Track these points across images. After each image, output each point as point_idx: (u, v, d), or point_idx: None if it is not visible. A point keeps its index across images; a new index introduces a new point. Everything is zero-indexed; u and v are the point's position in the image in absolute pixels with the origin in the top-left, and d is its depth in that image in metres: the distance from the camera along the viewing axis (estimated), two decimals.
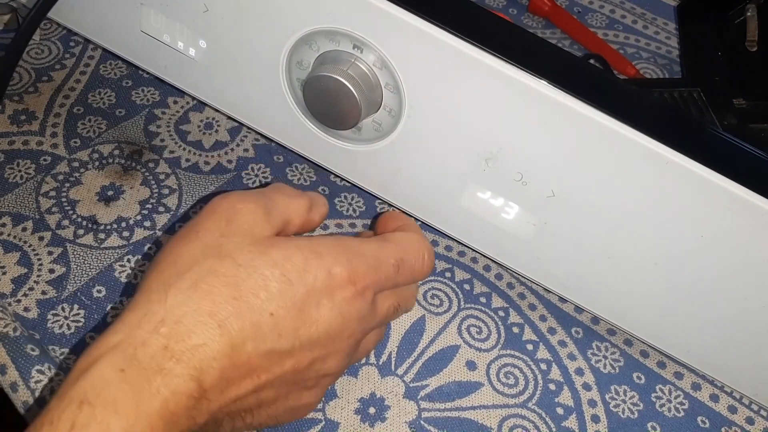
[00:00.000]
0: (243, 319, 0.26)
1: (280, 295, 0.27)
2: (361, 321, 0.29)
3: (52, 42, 0.47)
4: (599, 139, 0.30)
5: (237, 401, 0.27)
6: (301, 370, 0.28)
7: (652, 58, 0.53)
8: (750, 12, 0.49)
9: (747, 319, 0.33)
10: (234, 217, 0.29)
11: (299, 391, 0.30)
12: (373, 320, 0.31)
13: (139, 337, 0.25)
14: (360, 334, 0.30)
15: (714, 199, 0.29)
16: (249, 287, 0.26)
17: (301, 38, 0.33)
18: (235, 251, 0.27)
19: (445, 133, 0.33)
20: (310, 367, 0.28)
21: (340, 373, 0.31)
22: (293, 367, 0.28)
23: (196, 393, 0.25)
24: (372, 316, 0.30)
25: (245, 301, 0.26)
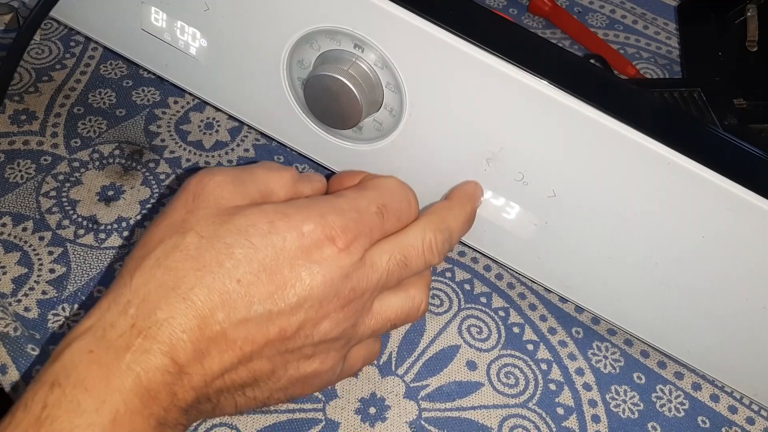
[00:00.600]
0: (208, 290, 0.25)
1: (246, 260, 0.26)
2: (351, 278, 0.28)
3: (53, 42, 0.47)
4: (600, 140, 0.30)
5: (224, 375, 0.26)
6: (289, 336, 0.27)
7: (653, 58, 0.53)
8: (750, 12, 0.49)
9: (747, 320, 0.33)
10: (201, 191, 0.28)
11: (298, 361, 0.28)
12: (372, 276, 0.29)
13: (107, 320, 0.25)
14: (354, 293, 0.28)
15: (715, 200, 0.29)
16: (212, 257, 0.26)
17: (302, 37, 0.33)
18: (198, 224, 0.27)
19: (446, 133, 0.33)
20: (301, 333, 0.27)
21: (350, 340, 0.30)
22: (279, 335, 0.27)
23: (171, 368, 0.24)
24: (367, 272, 0.28)
25: (209, 271, 0.26)
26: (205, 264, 0.26)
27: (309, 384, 0.30)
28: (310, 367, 0.29)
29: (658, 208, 0.31)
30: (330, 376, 0.30)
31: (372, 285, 0.29)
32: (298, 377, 0.29)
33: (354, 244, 0.28)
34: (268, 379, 0.28)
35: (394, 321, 0.31)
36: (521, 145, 0.32)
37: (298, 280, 0.26)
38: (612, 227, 0.33)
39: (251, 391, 0.28)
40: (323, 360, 0.29)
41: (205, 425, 0.33)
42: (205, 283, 0.25)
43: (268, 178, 0.30)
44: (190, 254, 0.26)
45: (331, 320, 0.28)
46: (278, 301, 0.26)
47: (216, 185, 0.28)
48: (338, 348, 0.30)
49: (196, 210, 0.28)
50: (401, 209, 0.30)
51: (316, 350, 0.29)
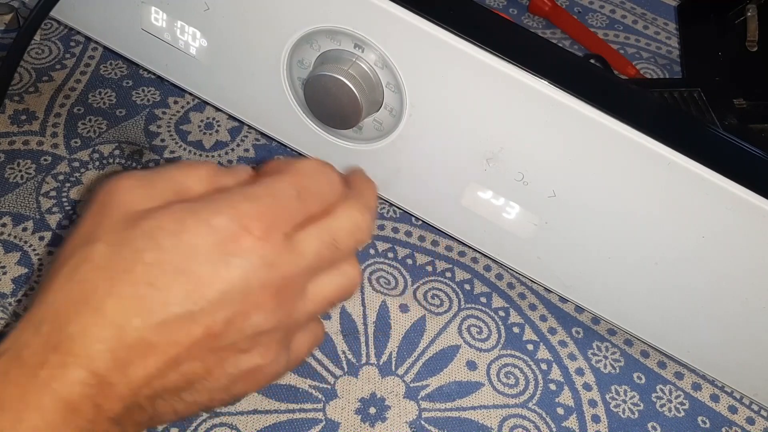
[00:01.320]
0: (120, 297, 0.25)
1: (157, 263, 0.25)
2: (277, 266, 0.27)
3: (53, 42, 0.47)
4: (600, 140, 0.30)
5: (152, 381, 0.25)
6: (217, 334, 0.26)
7: (653, 58, 0.53)
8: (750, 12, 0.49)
9: (747, 319, 0.33)
10: (108, 199, 0.27)
11: (235, 357, 0.27)
12: (301, 262, 0.28)
13: (22, 340, 0.24)
14: (283, 281, 0.27)
15: (715, 200, 0.29)
16: (122, 265, 0.25)
17: (302, 37, 0.33)
18: (106, 233, 0.26)
19: (446, 133, 0.33)
20: (230, 328, 0.26)
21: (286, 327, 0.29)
22: (205, 333, 0.26)
23: (90, 380, 0.24)
24: (295, 258, 0.27)
25: (119, 279, 0.25)
26: (115, 273, 0.25)
27: (253, 380, 0.29)
28: (250, 362, 0.28)
29: (658, 208, 0.31)
30: (275, 368, 0.29)
31: (302, 270, 0.28)
32: (238, 374, 0.28)
33: (272, 231, 0.26)
34: (205, 381, 0.27)
35: (332, 300, 0.30)
36: (521, 145, 0.32)
37: (216, 276, 0.26)
38: (612, 227, 0.33)
39: (189, 395, 0.27)
40: (263, 353, 0.28)
41: (205, 425, 0.33)
42: (117, 291, 0.25)
43: (183, 175, 0.29)
44: (99, 264, 0.25)
45: (262, 311, 0.27)
46: (198, 300, 0.25)
47: (123, 191, 0.27)
48: (278, 339, 0.28)
49: (103, 219, 0.27)
50: (322, 190, 0.29)
51: (252, 344, 0.27)
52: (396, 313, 0.38)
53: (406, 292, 0.39)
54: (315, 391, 0.35)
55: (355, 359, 0.36)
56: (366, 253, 0.40)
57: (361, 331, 0.37)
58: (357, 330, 0.37)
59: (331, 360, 0.36)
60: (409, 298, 0.39)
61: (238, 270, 0.26)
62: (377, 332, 0.37)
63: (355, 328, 0.37)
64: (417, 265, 0.40)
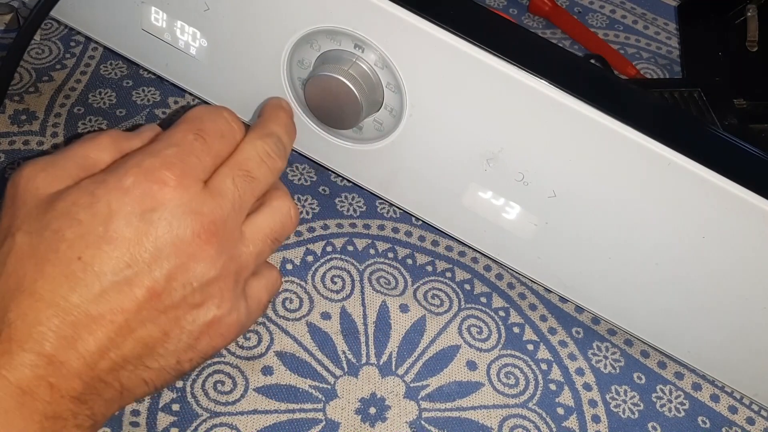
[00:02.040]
0: (52, 278, 0.25)
1: (79, 238, 0.25)
2: (202, 212, 0.27)
3: (53, 42, 0.47)
4: (600, 140, 0.30)
5: (108, 353, 0.25)
6: (161, 292, 0.26)
7: (653, 59, 0.53)
8: (750, 12, 0.49)
9: (748, 320, 0.33)
10: (15, 191, 0.27)
11: (190, 313, 0.27)
12: (224, 203, 0.27)
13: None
14: (213, 225, 0.27)
15: (715, 201, 0.29)
16: (46, 247, 0.25)
17: (302, 37, 0.33)
18: (23, 223, 0.26)
19: (447, 133, 0.33)
20: (173, 284, 0.26)
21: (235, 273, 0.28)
22: (149, 294, 0.26)
23: (39, 361, 0.24)
24: (217, 201, 0.27)
25: (47, 261, 0.25)
26: (41, 256, 0.25)
27: (216, 333, 0.28)
28: (208, 315, 0.28)
29: (658, 209, 0.31)
30: (235, 317, 0.29)
31: (229, 211, 0.28)
32: (198, 330, 0.27)
33: (185, 177, 0.26)
34: (165, 343, 0.27)
35: (273, 236, 0.30)
36: (521, 145, 0.32)
37: (142, 235, 0.25)
38: (612, 227, 0.33)
39: (153, 361, 0.27)
40: (218, 303, 0.28)
41: (205, 425, 0.33)
42: (47, 272, 0.25)
43: (85, 149, 0.28)
44: (24, 253, 0.25)
45: (201, 261, 0.27)
46: (131, 263, 0.25)
47: (27, 179, 0.27)
48: (229, 287, 0.28)
49: (16, 211, 0.27)
50: (220, 128, 0.29)
51: (203, 296, 0.27)
52: (396, 313, 0.38)
53: (406, 292, 0.39)
54: (315, 391, 0.35)
55: (355, 359, 0.36)
56: (366, 253, 0.40)
57: (361, 331, 0.37)
58: (357, 330, 0.37)
59: (331, 360, 0.36)
60: (409, 298, 0.39)
61: (162, 223, 0.26)
62: (377, 332, 0.37)
63: (355, 328, 0.37)
64: (417, 265, 0.40)
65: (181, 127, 0.28)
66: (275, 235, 0.30)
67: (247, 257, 0.29)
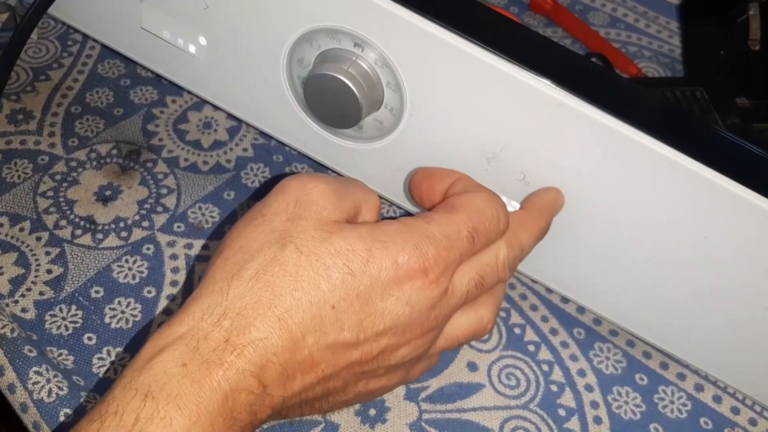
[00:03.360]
0: (303, 312, 0.25)
1: (343, 286, 0.26)
2: (434, 308, 0.28)
3: (50, 41, 0.46)
4: (602, 140, 0.30)
5: (301, 393, 0.26)
6: (368, 361, 0.27)
7: (654, 57, 0.52)
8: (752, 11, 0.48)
9: (750, 321, 0.33)
10: (303, 198, 0.28)
11: (368, 379, 0.29)
12: (452, 302, 0.29)
13: (201, 330, 0.25)
14: (435, 320, 0.28)
15: (718, 201, 0.29)
16: (310, 278, 0.26)
17: (301, 36, 0.33)
18: (298, 237, 0.27)
19: (447, 133, 0.33)
20: (380, 358, 0.28)
21: (416, 365, 0.30)
22: (360, 359, 0.27)
23: (257, 389, 0.25)
24: (449, 300, 0.29)
25: (306, 293, 0.26)
26: (302, 284, 0.26)
27: (370, 396, 0.30)
28: (378, 384, 0.30)
29: (660, 208, 0.31)
30: (390, 389, 0.31)
31: (452, 309, 0.29)
32: (364, 392, 0.29)
33: (444, 274, 0.28)
34: (338, 394, 0.28)
35: (462, 340, 0.32)
36: (523, 145, 0.32)
37: (387, 310, 0.27)
38: (614, 227, 0.32)
39: (319, 403, 0.28)
40: (390, 378, 0.30)
41: None
42: (302, 305, 0.26)
43: (365, 196, 0.30)
44: (288, 271, 0.26)
45: (410, 346, 0.28)
46: (366, 329, 0.27)
47: (319, 195, 0.28)
48: (407, 367, 0.30)
49: (297, 219, 0.27)
50: (491, 230, 0.30)
51: (388, 371, 0.29)
52: None
53: None
54: None
55: None
56: None
57: None
58: None
59: None
60: None
61: (408, 308, 0.27)
62: None
63: None
64: None
65: (460, 220, 0.29)
66: (465, 340, 0.32)
67: (435, 350, 0.31)
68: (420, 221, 0.29)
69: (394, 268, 0.27)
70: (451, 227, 0.28)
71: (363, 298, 0.26)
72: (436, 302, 0.28)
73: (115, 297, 0.36)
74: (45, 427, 0.31)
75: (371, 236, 0.27)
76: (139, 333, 0.35)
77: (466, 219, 0.29)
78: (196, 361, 0.24)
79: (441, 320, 0.29)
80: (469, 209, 0.29)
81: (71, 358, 0.34)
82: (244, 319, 0.25)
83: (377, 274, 0.27)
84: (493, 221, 0.29)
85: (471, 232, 0.29)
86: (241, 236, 0.28)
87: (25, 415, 0.32)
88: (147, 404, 0.23)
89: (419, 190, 0.33)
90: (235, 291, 0.26)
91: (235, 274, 0.26)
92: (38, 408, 0.32)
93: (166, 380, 0.23)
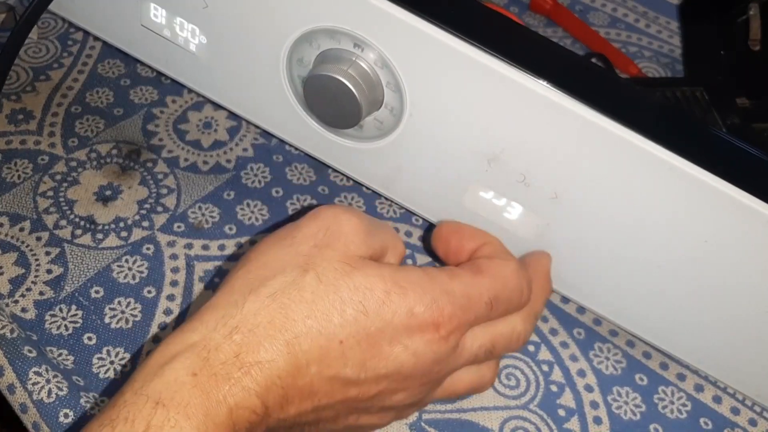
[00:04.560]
0: (311, 341, 0.26)
1: (354, 323, 0.26)
2: (439, 363, 0.28)
3: (50, 41, 0.46)
4: (602, 143, 0.30)
5: (295, 417, 0.27)
6: (364, 399, 0.28)
7: (655, 57, 0.52)
8: (753, 11, 0.48)
9: (751, 322, 0.32)
10: (334, 228, 0.28)
11: (360, 414, 0.29)
12: (457, 361, 0.29)
13: (213, 341, 0.25)
14: (438, 374, 0.29)
15: (718, 206, 0.29)
16: (324, 308, 0.26)
17: (301, 36, 0.33)
18: (321, 265, 0.27)
19: (448, 133, 0.33)
20: (375, 398, 0.28)
21: (410, 407, 0.30)
22: (356, 396, 0.27)
23: (259, 410, 0.25)
24: (455, 358, 0.29)
25: (317, 322, 0.26)
26: (316, 313, 0.26)
27: (359, 430, 0.31)
28: (369, 421, 0.30)
29: (660, 212, 0.31)
30: (380, 427, 0.31)
31: (456, 367, 0.30)
32: (354, 426, 0.30)
33: (455, 333, 0.28)
34: (328, 422, 0.29)
35: (460, 394, 0.32)
36: (523, 146, 0.32)
37: (392, 356, 0.27)
38: (614, 230, 0.32)
39: (309, 428, 0.28)
40: (382, 417, 0.30)
41: None
42: (311, 334, 0.26)
43: (390, 240, 0.30)
44: (305, 297, 0.26)
45: (407, 392, 0.29)
46: (368, 370, 0.27)
47: (351, 228, 0.28)
48: (401, 410, 0.30)
49: (324, 248, 0.28)
50: (512, 301, 0.30)
51: (381, 411, 0.29)
52: None
53: None
54: None
55: None
56: None
57: None
58: None
59: None
60: None
61: (413, 359, 0.27)
62: None
63: None
64: (418, 265, 0.40)
65: (484, 284, 0.29)
66: (462, 394, 0.32)
67: (431, 398, 0.31)
68: (444, 275, 0.29)
69: (408, 317, 0.27)
70: (473, 289, 0.29)
71: (371, 339, 0.27)
72: (443, 358, 0.28)
73: (115, 297, 0.36)
74: (45, 428, 0.31)
75: (392, 279, 0.27)
76: (139, 333, 0.35)
77: (490, 285, 0.29)
78: (206, 372, 0.24)
79: (443, 375, 0.29)
80: (495, 276, 0.29)
81: (71, 358, 0.34)
82: (255, 337, 0.25)
83: (390, 318, 0.27)
84: (516, 293, 0.30)
85: (492, 299, 0.29)
86: (268, 253, 0.28)
87: (24, 415, 0.32)
88: (158, 412, 0.23)
89: (446, 245, 0.33)
90: (250, 306, 0.26)
91: (254, 290, 0.26)
92: (38, 408, 0.32)
93: (176, 388, 0.24)
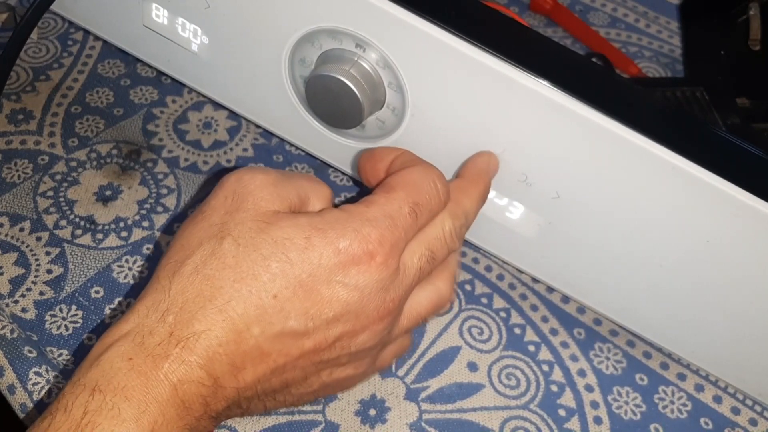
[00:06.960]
0: (245, 303, 0.25)
1: (282, 275, 0.26)
2: (387, 290, 0.27)
3: (50, 41, 0.46)
4: (603, 143, 0.30)
5: (256, 385, 0.26)
6: (324, 349, 0.27)
7: (655, 57, 0.52)
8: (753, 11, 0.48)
9: (752, 321, 0.33)
10: (240, 190, 0.28)
11: (332, 368, 0.28)
12: (406, 281, 0.28)
13: (146, 326, 0.25)
14: (392, 303, 0.28)
15: (720, 206, 0.29)
16: (249, 268, 0.26)
17: (303, 36, 0.33)
18: (236, 229, 0.26)
19: (449, 133, 0.33)
20: (336, 345, 0.27)
21: (384, 344, 0.30)
22: (314, 348, 0.27)
23: (207, 381, 0.25)
24: (401, 280, 0.28)
25: (246, 284, 0.25)
26: (242, 275, 0.26)
27: (340, 387, 0.30)
28: (344, 373, 0.29)
29: (661, 211, 0.31)
30: (361, 378, 0.31)
31: (407, 289, 0.29)
32: (330, 382, 0.29)
33: (391, 254, 0.27)
34: (300, 385, 0.28)
35: (425, 316, 0.31)
36: (524, 146, 0.32)
37: (335, 297, 0.26)
38: (616, 229, 0.32)
39: (281, 396, 0.28)
40: (357, 366, 0.29)
41: None
42: (242, 296, 0.25)
43: (309, 185, 0.29)
44: (227, 263, 0.26)
45: (369, 332, 0.28)
46: (314, 317, 0.26)
47: (257, 186, 0.28)
48: (373, 354, 0.30)
49: (234, 212, 0.27)
50: (432, 202, 0.29)
51: (351, 359, 0.29)
52: None
53: None
54: None
55: None
56: None
57: None
58: None
59: None
60: None
61: (356, 293, 0.27)
62: None
63: None
64: None
65: (399, 197, 0.28)
66: (428, 315, 0.31)
67: (399, 331, 0.30)
68: (360, 206, 0.28)
69: (336, 255, 0.26)
70: (391, 206, 0.28)
71: (306, 287, 0.26)
72: (388, 284, 0.27)
73: (115, 297, 0.36)
74: None
75: (309, 225, 0.27)
76: None
77: (405, 195, 0.28)
78: (141, 355, 0.24)
79: (398, 302, 0.28)
80: (406, 185, 0.29)
81: (71, 358, 0.34)
82: (187, 313, 0.25)
83: (318, 261, 0.26)
84: (432, 193, 0.29)
85: (412, 208, 0.28)
86: (183, 235, 0.28)
87: (25, 416, 0.32)
88: (95, 397, 0.23)
89: (365, 173, 0.32)
90: (176, 287, 0.26)
91: (176, 271, 0.26)
92: (38, 409, 0.32)
93: (112, 374, 0.24)
